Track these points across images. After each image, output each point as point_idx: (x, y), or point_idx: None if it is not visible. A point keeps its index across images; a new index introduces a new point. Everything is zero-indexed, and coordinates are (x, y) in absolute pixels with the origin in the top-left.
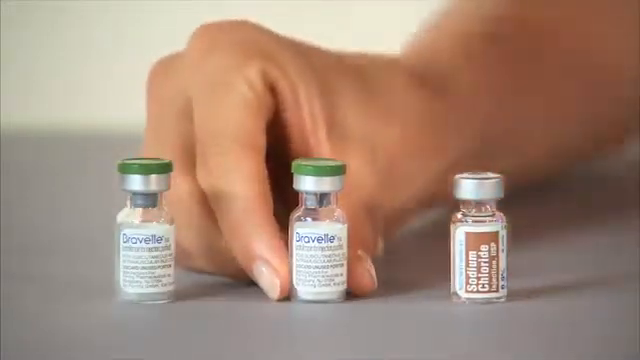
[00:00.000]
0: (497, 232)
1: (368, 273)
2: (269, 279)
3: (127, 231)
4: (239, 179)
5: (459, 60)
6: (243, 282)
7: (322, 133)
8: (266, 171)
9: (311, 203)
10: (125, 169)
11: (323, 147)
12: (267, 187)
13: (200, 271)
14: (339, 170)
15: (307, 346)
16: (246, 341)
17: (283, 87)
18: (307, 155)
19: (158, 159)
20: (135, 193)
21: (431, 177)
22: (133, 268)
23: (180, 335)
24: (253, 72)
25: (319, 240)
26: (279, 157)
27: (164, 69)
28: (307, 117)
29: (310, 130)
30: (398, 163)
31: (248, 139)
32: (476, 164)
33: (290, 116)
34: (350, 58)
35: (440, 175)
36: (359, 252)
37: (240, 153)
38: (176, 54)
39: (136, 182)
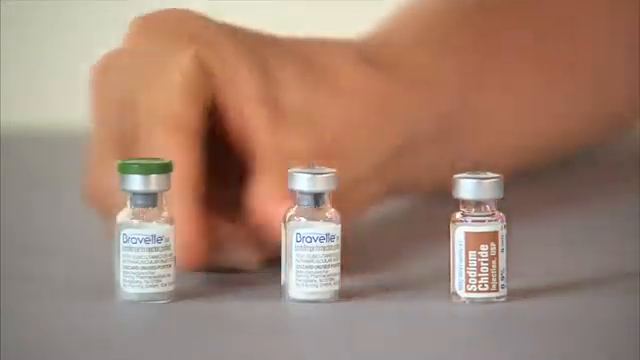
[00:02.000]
0: (497, 232)
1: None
2: (179, 252)
3: (127, 231)
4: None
5: (418, 44)
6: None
7: (262, 115)
8: (199, 154)
9: (308, 203)
10: (125, 169)
11: (264, 129)
12: (199, 171)
13: None
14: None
15: (308, 346)
16: (246, 341)
17: (219, 71)
18: (247, 138)
19: (158, 159)
20: (135, 193)
21: (380, 157)
22: (133, 268)
23: (180, 335)
24: (187, 57)
25: (321, 240)
26: (222, 140)
27: (105, 63)
28: (245, 100)
29: (249, 113)
30: (343, 140)
31: (182, 125)
32: (435, 148)
33: (228, 100)
34: (294, 42)
35: (392, 156)
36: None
37: (174, 137)
38: (117, 48)
39: (136, 182)
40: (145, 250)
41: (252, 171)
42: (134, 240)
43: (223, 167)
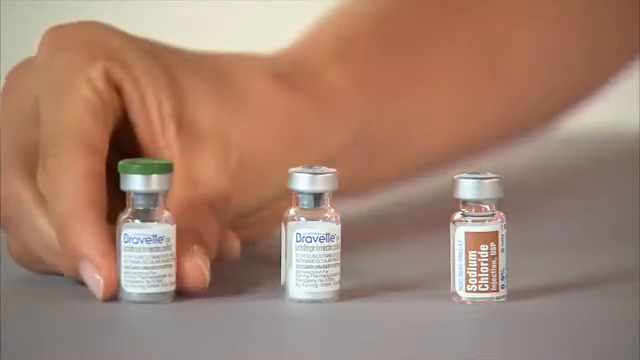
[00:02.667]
0: (497, 232)
1: (199, 268)
2: (92, 278)
3: (128, 231)
4: (71, 178)
5: (330, 60)
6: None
7: (171, 132)
8: (103, 171)
9: (307, 203)
10: (126, 169)
11: (172, 146)
12: (100, 187)
13: (57, 274)
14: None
15: (308, 346)
16: (246, 341)
17: (128, 87)
18: (157, 154)
19: (159, 159)
20: (136, 193)
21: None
22: (134, 268)
23: (180, 335)
24: (96, 72)
25: (321, 240)
26: (132, 155)
27: (18, 72)
28: (155, 117)
29: (158, 130)
30: (253, 160)
31: (85, 139)
32: (355, 163)
33: (137, 116)
34: (208, 58)
35: None
36: (194, 247)
37: (75, 153)
38: (31, 57)
39: (137, 182)
40: (146, 250)
41: None
42: (135, 240)
43: None
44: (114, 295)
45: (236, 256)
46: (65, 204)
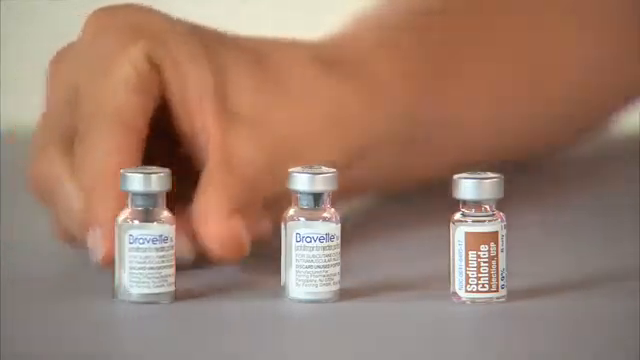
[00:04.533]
0: (497, 232)
1: (238, 234)
2: (96, 242)
3: (133, 232)
4: (102, 151)
5: (376, 48)
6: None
7: (209, 111)
8: (139, 149)
9: (307, 203)
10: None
11: (209, 125)
12: (131, 164)
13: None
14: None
15: (308, 346)
16: (246, 341)
17: (168, 66)
18: (193, 132)
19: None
20: (136, 194)
21: (334, 159)
22: (140, 269)
23: (180, 335)
24: (137, 52)
25: (321, 240)
26: (172, 136)
27: (61, 57)
28: (193, 95)
29: (196, 109)
30: (289, 145)
31: (123, 117)
32: (389, 156)
33: (176, 95)
34: (251, 42)
35: (348, 157)
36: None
37: (111, 128)
38: (73, 42)
39: (137, 182)
40: (153, 250)
41: (200, 172)
42: (141, 241)
43: (170, 161)
44: (109, 267)
45: (269, 235)
46: (92, 176)
